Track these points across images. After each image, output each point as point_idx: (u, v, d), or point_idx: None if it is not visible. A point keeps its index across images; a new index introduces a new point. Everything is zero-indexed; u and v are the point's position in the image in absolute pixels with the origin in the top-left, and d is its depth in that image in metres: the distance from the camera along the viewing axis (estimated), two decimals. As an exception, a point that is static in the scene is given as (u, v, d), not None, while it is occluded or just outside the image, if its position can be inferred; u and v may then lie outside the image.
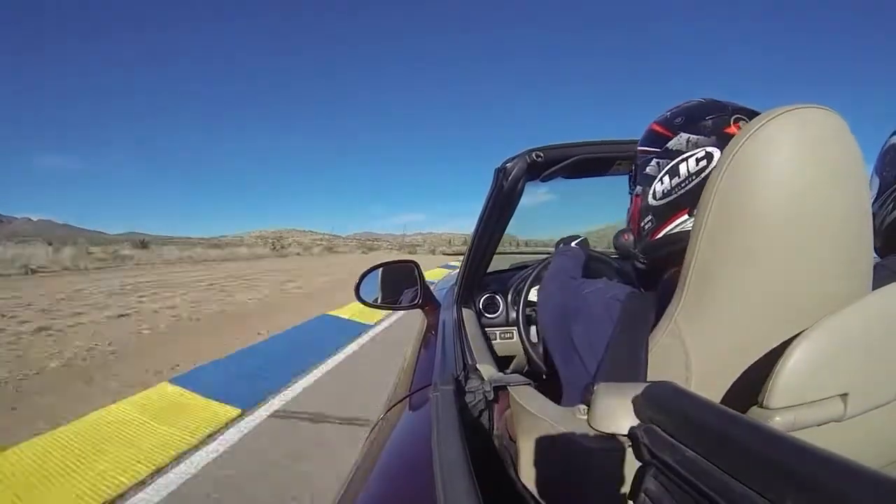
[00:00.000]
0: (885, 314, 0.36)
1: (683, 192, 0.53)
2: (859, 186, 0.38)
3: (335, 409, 2.62)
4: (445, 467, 0.40)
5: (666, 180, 0.54)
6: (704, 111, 0.53)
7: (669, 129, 0.55)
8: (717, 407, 0.30)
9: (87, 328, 4.65)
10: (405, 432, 0.68)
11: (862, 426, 0.36)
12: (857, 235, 0.39)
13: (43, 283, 8.61)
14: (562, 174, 0.84)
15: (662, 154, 0.55)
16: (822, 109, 0.36)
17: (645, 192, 0.58)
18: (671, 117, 0.56)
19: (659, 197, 0.55)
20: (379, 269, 1.39)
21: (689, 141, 0.52)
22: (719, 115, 0.52)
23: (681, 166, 0.53)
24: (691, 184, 0.52)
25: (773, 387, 0.33)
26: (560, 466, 0.42)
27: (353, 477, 0.59)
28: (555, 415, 0.44)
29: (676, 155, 0.53)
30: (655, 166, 0.56)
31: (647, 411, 0.35)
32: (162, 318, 5.26)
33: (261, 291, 8.09)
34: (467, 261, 1.05)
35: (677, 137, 0.54)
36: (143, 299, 6.72)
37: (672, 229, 0.54)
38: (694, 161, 0.51)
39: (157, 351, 3.86)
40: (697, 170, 0.51)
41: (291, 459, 2.03)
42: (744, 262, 0.37)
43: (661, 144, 0.55)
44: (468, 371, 0.65)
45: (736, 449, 0.26)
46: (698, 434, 0.29)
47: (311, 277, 11.08)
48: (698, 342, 0.40)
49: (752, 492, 0.24)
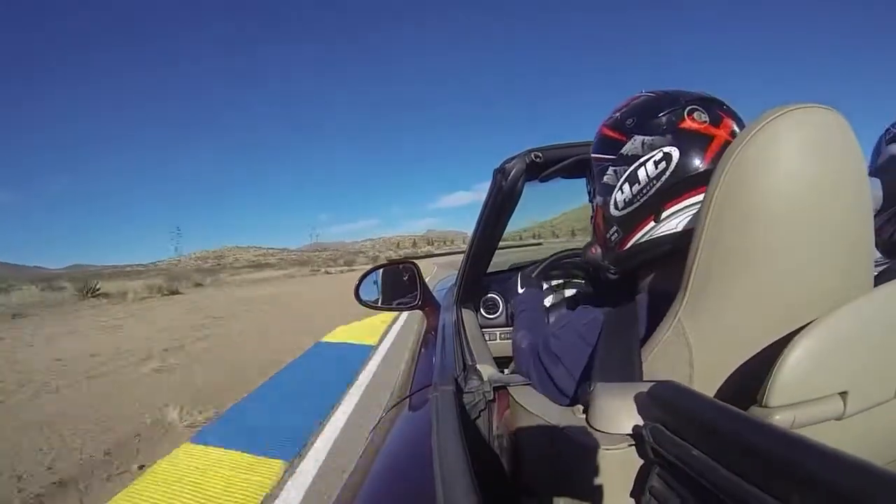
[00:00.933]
0: (884, 312, 0.36)
1: (646, 199, 0.50)
2: (860, 185, 0.38)
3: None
4: (445, 467, 0.40)
5: (626, 189, 0.51)
6: (656, 108, 0.50)
7: (622, 132, 0.52)
8: (722, 406, 0.30)
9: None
10: (405, 432, 0.68)
11: (862, 424, 0.36)
12: (858, 234, 0.39)
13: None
14: (561, 174, 0.84)
15: (618, 161, 0.52)
16: (824, 108, 0.36)
17: (606, 203, 0.54)
18: (622, 119, 0.53)
19: (621, 207, 0.52)
20: (379, 271, 1.39)
21: (645, 143, 0.49)
22: (672, 110, 0.49)
23: (639, 172, 0.50)
24: (653, 189, 0.49)
25: (772, 385, 0.33)
26: (560, 466, 0.42)
27: (354, 476, 0.59)
28: (554, 414, 0.44)
29: (633, 160, 0.50)
30: (613, 174, 0.53)
31: (652, 410, 0.35)
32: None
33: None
34: (467, 261, 1.05)
35: (631, 141, 0.51)
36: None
37: (640, 238, 0.51)
38: (652, 164, 0.49)
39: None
40: (657, 173, 0.48)
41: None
42: (746, 260, 0.37)
43: (615, 150, 0.52)
44: (468, 371, 0.65)
45: (742, 448, 0.26)
46: (704, 433, 0.29)
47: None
48: (701, 339, 0.40)
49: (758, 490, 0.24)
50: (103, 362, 4.38)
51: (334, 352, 4.35)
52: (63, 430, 2.63)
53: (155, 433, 2.55)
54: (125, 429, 2.60)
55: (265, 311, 8.27)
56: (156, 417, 2.73)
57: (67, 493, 1.93)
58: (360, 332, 5.13)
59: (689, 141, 0.48)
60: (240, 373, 3.68)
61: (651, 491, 0.33)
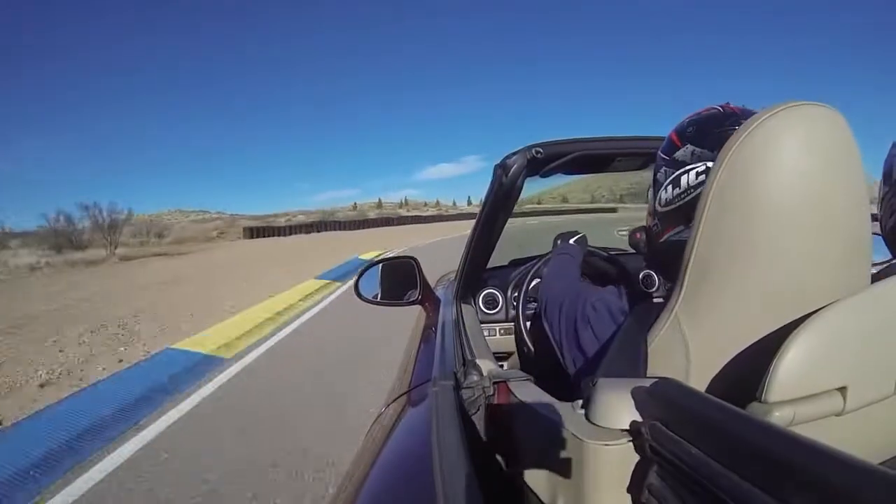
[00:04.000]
0: (883, 307, 0.36)
1: (682, 204, 0.53)
2: (857, 181, 0.38)
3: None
4: (445, 462, 0.40)
5: (669, 189, 0.55)
6: (714, 122, 0.53)
7: (680, 138, 0.56)
8: (720, 404, 0.30)
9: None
10: (405, 428, 0.68)
11: (861, 420, 0.36)
12: (856, 229, 0.39)
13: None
14: (562, 170, 0.84)
15: (670, 163, 0.56)
16: (821, 106, 0.37)
17: (654, 197, 0.59)
18: (685, 125, 0.57)
19: (663, 204, 0.57)
20: (378, 266, 1.39)
21: (694, 153, 0.53)
22: (727, 127, 0.51)
23: (682, 178, 0.53)
24: (689, 196, 0.52)
25: (771, 381, 0.33)
26: (559, 461, 0.42)
27: (354, 472, 0.60)
28: (554, 410, 0.44)
29: (681, 166, 0.54)
30: (664, 174, 0.57)
31: (650, 407, 0.35)
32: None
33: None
34: (467, 256, 1.05)
35: (684, 148, 0.54)
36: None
37: (671, 236, 0.56)
38: (694, 174, 0.52)
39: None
40: (696, 183, 0.51)
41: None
42: (742, 255, 0.38)
43: (671, 153, 0.56)
44: (467, 367, 0.65)
45: (740, 446, 0.26)
46: (702, 430, 0.29)
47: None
48: (698, 335, 0.40)
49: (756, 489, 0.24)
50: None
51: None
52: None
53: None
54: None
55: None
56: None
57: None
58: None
59: None
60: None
61: (649, 488, 0.34)
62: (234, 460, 2.00)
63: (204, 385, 2.98)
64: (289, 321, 4.74)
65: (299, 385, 2.94)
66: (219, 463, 1.98)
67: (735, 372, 0.39)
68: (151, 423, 2.43)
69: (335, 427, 2.25)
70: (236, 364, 3.38)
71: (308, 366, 3.33)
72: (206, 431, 2.35)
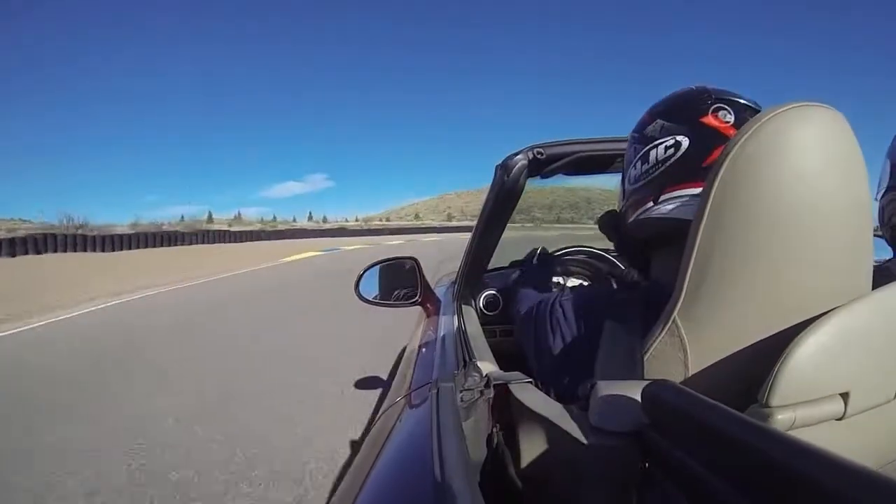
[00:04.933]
0: (885, 312, 0.36)
1: (650, 179, 0.52)
2: (860, 184, 0.38)
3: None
4: (445, 465, 0.40)
5: (638, 166, 0.54)
6: (686, 98, 0.52)
7: (650, 114, 0.55)
8: (719, 407, 0.30)
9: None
10: (405, 430, 0.68)
11: (863, 425, 0.36)
12: (859, 233, 0.39)
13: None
14: (563, 171, 0.84)
15: (639, 139, 0.55)
16: (824, 107, 0.36)
17: (624, 176, 0.58)
18: (657, 103, 0.55)
19: (632, 182, 0.55)
20: (377, 267, 1.39)
21: (663, 128, 0.52)
22: (699, 104, 0.50)
23: (651, 153, 0.52)
24: (657, 171, 0.51)
25: (773, 385, 0.33)
26: (560, 464, 0.42)
27: (353, 474, 0.59)
28: (555, 412, 0.44)
29: (650, 141, 0.53)
30: (632, 151, 0.56)
31: (650, 410, 0.35)
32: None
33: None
34: (468, 258, 1.05)
35: (654, 123, 0.53)
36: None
37: (640, 215, 0.54)
38: (663, 148, 0.51)
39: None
40: (664, 157, 0.50)
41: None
42: (744, 258, 0.37)
43: (641, 129, 0.55)
44: (468, 368, 0.65)
45: (739, 450, 0.26)
46: (700, 434, 0.29)
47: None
48: (697, 339, 0.40)
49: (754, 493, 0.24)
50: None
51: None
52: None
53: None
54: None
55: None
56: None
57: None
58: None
59: (703, 135, 0.49)
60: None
61: (649, 490, 0.34)
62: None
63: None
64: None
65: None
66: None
67: (734, 377, 0.39)
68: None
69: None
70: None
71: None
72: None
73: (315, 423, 2.32)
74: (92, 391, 2.88)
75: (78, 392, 2.87)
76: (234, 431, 2.25)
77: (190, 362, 3.45)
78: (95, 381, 3.07)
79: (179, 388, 2.90)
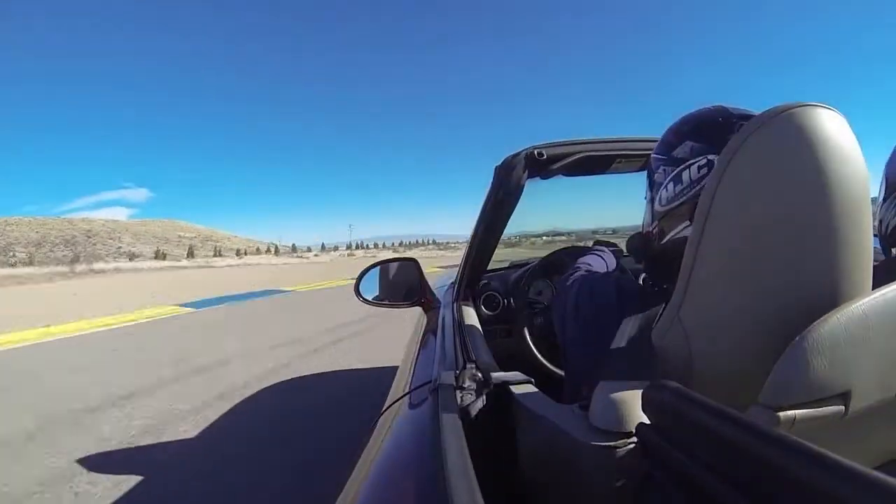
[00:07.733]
0: (886, 312, 0.36)
1: (685, 200, 0.54)
2: (860, 184, 0.38)
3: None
4: (445, 465, 0.40)
5: (670, 187, 0.55)
6: (711, 119, 0.54)
7: (677, 136, 0.56)
8: (720, 408, 0.30)
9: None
10: (404, 430, 0.68)
11: (863, 424, 0.36)
12: (859, 233, 0.39)
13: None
14: (563, 172, 0.84)
15: (668, 161, 0.56)
16: (823, 108, 0.36)
17: (653, 198, 0.59)
18: (680, 124, 0.57)
19: (664, 203, 0.57)
20: (377, 267, 1.39)
21: (693, 149, 0.53)
22: (727, 123, 0.52)
23: (683, 174, 0.54)
24: (692, 191, 0.53)
25: (773, 384, 0.33)
26: (560, 464, 0.42)
27: (352, 474, 0.59)
28: (555, 413, 0.44)
29: (681, 162, 0.54)
30: (662, 173, 0.57)
31: (650, 411, 0.35)
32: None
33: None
34: (467, 258, 1.05)
35: (682, 145, 0.55)
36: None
37: (675, 235, 0.56)
38: (696, 168, 0.52)
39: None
40: (698, 177, 0.52)
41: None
42: (746, 258, 0.37)
43: (668, 152, 0.57)
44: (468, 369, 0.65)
45: (739, 452, 0.26)
46: (701, 434, 0.29)
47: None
48: (700, 338, 0.40)
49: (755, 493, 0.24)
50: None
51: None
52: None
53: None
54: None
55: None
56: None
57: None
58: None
59: None
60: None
61: (649, 491, 0.33)
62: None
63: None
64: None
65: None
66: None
67: (737, 377, 0.39)
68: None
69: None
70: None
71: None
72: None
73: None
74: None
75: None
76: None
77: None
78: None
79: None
